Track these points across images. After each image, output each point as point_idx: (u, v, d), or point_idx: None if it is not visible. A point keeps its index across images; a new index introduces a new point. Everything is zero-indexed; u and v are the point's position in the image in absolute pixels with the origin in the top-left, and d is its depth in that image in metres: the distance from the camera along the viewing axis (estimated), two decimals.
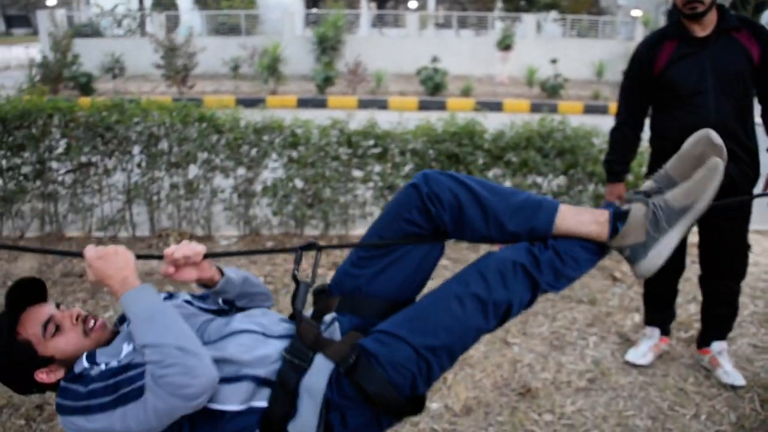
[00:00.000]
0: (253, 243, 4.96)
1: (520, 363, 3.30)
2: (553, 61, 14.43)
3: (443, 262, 4.16)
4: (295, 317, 1.63)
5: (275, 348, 1.52)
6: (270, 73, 14.79)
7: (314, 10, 24.11)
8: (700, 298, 3.34)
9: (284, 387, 1.45)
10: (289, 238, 5.03)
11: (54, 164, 5.00)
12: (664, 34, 2.97)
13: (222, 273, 1.70)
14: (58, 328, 1.54)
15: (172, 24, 21.26)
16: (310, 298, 1.70)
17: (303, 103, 13.19)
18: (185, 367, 1.34)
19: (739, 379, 3.13)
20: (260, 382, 1.46)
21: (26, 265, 4.57)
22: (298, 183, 4.92)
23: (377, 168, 4.91)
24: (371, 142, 4.84)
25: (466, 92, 14.20)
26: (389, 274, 1.68)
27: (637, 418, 2.90)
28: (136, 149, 4.91)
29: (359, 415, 1.47)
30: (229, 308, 1.78)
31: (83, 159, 4.91)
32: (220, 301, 1.77)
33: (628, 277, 4.40)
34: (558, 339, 3.57)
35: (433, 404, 2.93)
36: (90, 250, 1.52)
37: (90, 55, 16.46)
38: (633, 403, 3.01)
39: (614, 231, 1.55)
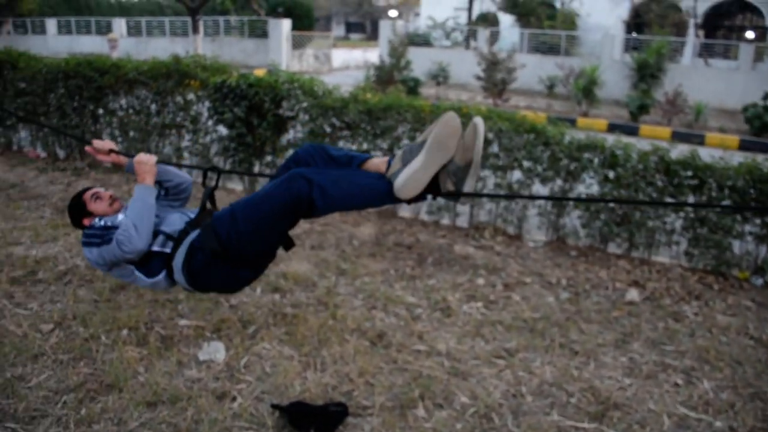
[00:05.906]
0: (558, 249, 5.43)
1: None
2: None
3: None
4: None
5: (184, 221, 2.58)
6: (584, 95, 15.04)
7: (634, 35, 23.60)
8: None
9: (178, 241, 2.50)
10: (592, 251, 5.40)
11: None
12: None
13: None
14: (98, 199, 2.71)
15: (494, 39, 22.55)
16: None
17: (613, 128, 13.01)
18: (129, 236, 2.41)
19: None
20: (167, 236, 2.53)
21: (367, 231, 5.63)
22: None
23: (691, 199, 5.02)
24: (689, 173, 4.97)
25: None
26: None
27: None
28: None
29: (203, 255, 2.43)
30: (163, 192, 2.80)
31: None
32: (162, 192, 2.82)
33: None
34: None
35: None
36: (138, 156, 2.62)
37: (419, 61, 18.28)
38: None
39: (389, 167, 2.29)
